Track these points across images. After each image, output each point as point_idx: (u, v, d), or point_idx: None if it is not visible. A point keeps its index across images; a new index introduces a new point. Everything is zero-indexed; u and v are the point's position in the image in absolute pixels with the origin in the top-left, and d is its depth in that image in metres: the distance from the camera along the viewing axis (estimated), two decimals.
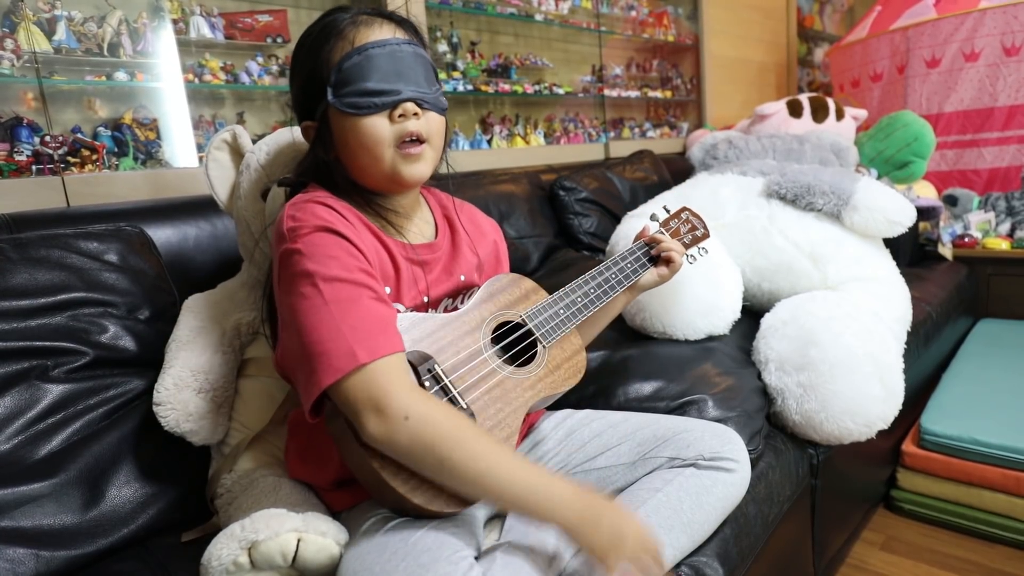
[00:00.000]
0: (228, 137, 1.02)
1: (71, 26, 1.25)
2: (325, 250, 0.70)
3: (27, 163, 1.17)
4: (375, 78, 0.74)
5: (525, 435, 0.91)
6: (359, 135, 0.76)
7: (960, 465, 1.45)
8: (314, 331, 0.67)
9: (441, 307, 0.86)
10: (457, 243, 0.90)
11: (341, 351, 0.65)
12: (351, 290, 0.69)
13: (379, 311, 0.70)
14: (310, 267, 0.69)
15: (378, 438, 0.65)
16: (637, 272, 1.00)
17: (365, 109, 0.75)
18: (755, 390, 1.15)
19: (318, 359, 0.65)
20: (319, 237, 0.71)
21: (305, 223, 0.72)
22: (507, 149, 2.15)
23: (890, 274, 1.43)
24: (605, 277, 0.95)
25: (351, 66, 0.74)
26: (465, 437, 0.65)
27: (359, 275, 0.70)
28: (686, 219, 1.12)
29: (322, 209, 0.73)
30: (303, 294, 0.68)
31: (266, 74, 1.55)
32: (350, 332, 0.66)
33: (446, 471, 0.65)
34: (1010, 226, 2.36)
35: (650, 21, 2.83)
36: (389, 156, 0.77)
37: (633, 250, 1.01)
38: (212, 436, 0.91)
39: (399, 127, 0.76)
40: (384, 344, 0.67)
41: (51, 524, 0.80)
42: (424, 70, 0.78)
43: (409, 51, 0.77)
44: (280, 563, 0.66)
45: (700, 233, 1.13)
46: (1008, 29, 2.56)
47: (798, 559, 1.19)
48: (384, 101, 0.75)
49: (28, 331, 0.86)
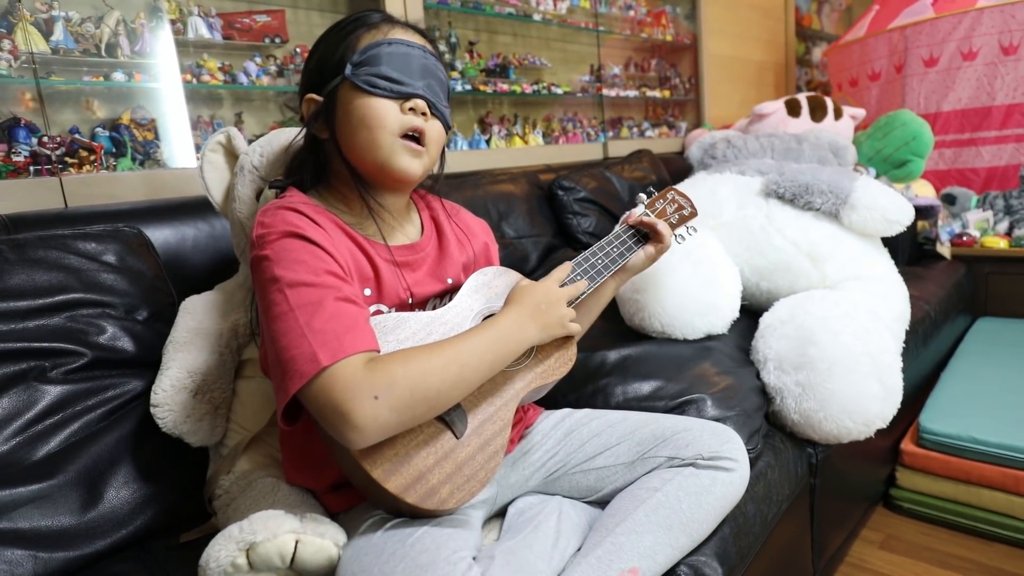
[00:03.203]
0: (223, 139, 1.01)
1: (68, 27, 1.24)
2: (292, 255, 0.70)
3: (25, 164, 1.17)
4: (397, 69, 0.77)
5: (522, 435, 0.91)
6: (365, 113, 0.76)
7: (959, 464, 1.45)
8: (282, 337, 0.66)
9: (429, 307, 0.85)
10: (444, 245, 0.89)
11: (304, 355, 0.64)
12: (315, 293, 0.68)
13: (344, 312, 0.68)
14: (277, 272, 0.69)
15: (365, 433, 0.63)
16: (624, 255, 0.98)
17: (380, 90, 0.76)
18: (754, 389, 1.15)
19: (286, 365, 0.65)
20: (287, 243, 0.71)
21: (273, 229, 0.71)
22: (505, 149, 2.15)
23: (888, 273, 1.43)
24: (591, 263, 0.93)
25: (377, 52, 0.76)
26: (425, 364, 0.67)
27: (325, 277, 0.70)
28: (672, 199, 1.10)
29: (291, 215, 0.73)
30: (272, 301, 0.68)
31: (264, 74, 1.55)
32: (313, 336, 0.65)
33: (435, 401, 0.68)
34: (1008, 225, 2.36)
35: (648, 20, 2.83)
36: (388, 142, 0.77)
37: (619, 234, 1.00)
38: (210, 437, 0.91)
39: (407, 119, 0.77)
40: (348, 344, 0.65)
41: (49, 525, 0.80)
42: (441, 86, 0.81)
43: (433, 63, 0.80)
44: (278, 564, 0.66)
45: (687, 212, 1.11)
46: (1006, 28, 2.56)
47: (797, 558, 1.19)
48: (399, 90, 0.76)
49: (26, 332, 0.86)
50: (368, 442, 0.65)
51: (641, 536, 0.74)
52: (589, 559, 0.72)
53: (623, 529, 0.75)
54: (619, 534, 0.74)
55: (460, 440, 0.73)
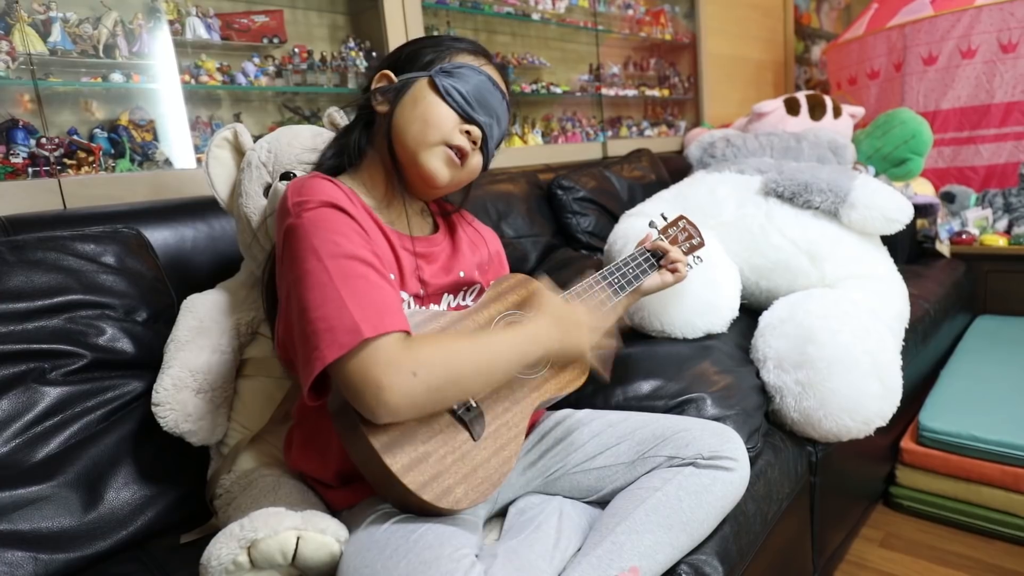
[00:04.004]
0: (229, 135, 1.02)
1: (66, 28, 1.24)
2: (332, 225, 0.70)
3: (23, 165, 1.17)
4: (472, 95, 0.81)
5: (526, 435, 0.91)
6: (429, 110, 0.80)
7: (958, 461, 1.45)
8: (319, 307, 0.65)
9: (443, 303, 0.86)
10: (456, 241, 0.91)
11: (345, 326, 0.64)
12: (357, 267, 0.68)
13: (386, 291, 0.69)
14: (315, 242, 0.68)
15: (398, 409, 0.64)
16: (639, 278, 1.03)
17: (452, 100, 0.80)
18: (753, 388, 1.15)
19: (322, 335, 0.64)
20: (326, 212, 0.71)
21: (311, 198, 0.71)
22: (505, 148, 2.15)
23: (888, 271, 1.43)
24: (609, 281, 0.98)
25: (467, 73, 0.81)
26: (459, 349, 0.70)
27: (365, 253, 0.70)
28: (683, 227, 1.16)
29: (329, 186, 0.74)
30: (308, 270, 0.67)
31: (263, 75, 1.55)
32: (355, 308, 0.65)
33: (464, 385, 0.70)
34: (1007, 223, 2.36)
35: (647, 20, 2.82)
36: (435, 141, 0.80)
37: (635, 256, 1.05)
38: (211, 436, 0.91)
39: (458, 136, 0.81)
40: (389, 321, 0.66)
41: (49, 527, 0.80)
42: (499, 131, 0.86)
43: (504, 111, 0.86)
44: (280, 561, 0.66)
45: (696, 242, 1.17)
46: (1004, 26, 2.56)
47: (797, 556, 1.19)
48: (467, 110, 0.81)
49: (25, 334, 0.86)
50: (397, 418, 0.66)
51: (641, 535, 0.74)
52: (590, 558, 0.72)
53: (623, 528, 0.75)
54: (619, 533, 0.74)
55: (477, 442, 0.73)
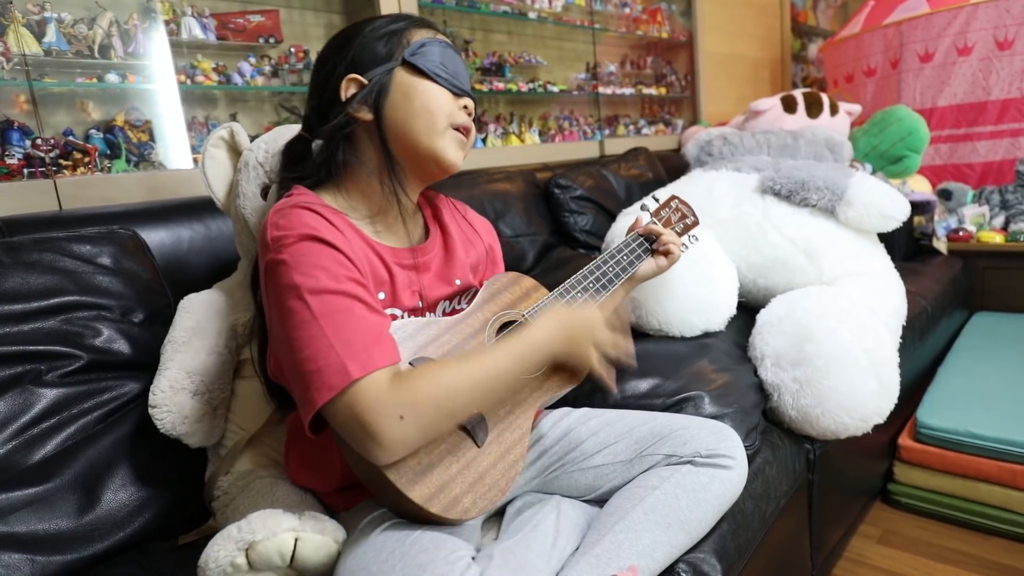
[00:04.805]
0: (225, 134, 1.01)
1: (61, 28, 1.24)
2: (312, 259, 0.68)
3: (19, 166, 1.17)
4: (450, 69, 0.80)
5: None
6: (428, 97, 0.78)
7: (956, 458, 1.46)
8: (306, 347, 0.64)
9: (439, 311, 0.85)
10: (450, 246, 0.88)
11: (333, 367, 0.63)
12: (340, 301, 0.67)
13: (370, 321, 0.67)
14: (297, 279, 0.66)
15: (391, 450, 0.63)
16: (634, 264, 1.00)
17: (441, 79, 0.78)
18: (751, 386, 1.15)
19: (311, 377, 0.63)
20: (305, 247, 0.68)
21: (290, 232, 0.69)
22: (502, 148, 2.15)
23: (885, 269, 1.44)
24: (603, 271, 0.95)
25: (433, 49, 0.79)
26: (452, 382, 0.67)
27: (348, 285, 0.68)
28: (676, 208, 1.13)
29: (309, 215, 0.71)
30: (291, 309, 0.66)
31: (259, 75, 1.54)
32: (342, 347, 0.64)
33: (461, 415, 0.70)
34: (1004, 219, 2.36)
35: (644, 18, 2.82)
36: (444, 126, 0.79)
37: (628, 242, 1.02)
38: (208, 438, 0.91)
39: (459, 113, 0.80)
40: (378, 356, 0.65)
41: (46, 529, 0.79)
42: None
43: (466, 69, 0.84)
44: (278, 563, 0.66)
45: (690, 221, 1.13)
46: (1000, 23, 2.57)
47: (796, 554, 1.19)
48: (457, 84, 0.80)
49: (21, 335, 0.86)
50: (394, 458, 0.65)
51: (639, 534, 0.74)
52: (588, 557, 0.72)
53: (621, 527, 0.75)
54: (617, 532, 0.74)
55: (481, 449, 0.72)
